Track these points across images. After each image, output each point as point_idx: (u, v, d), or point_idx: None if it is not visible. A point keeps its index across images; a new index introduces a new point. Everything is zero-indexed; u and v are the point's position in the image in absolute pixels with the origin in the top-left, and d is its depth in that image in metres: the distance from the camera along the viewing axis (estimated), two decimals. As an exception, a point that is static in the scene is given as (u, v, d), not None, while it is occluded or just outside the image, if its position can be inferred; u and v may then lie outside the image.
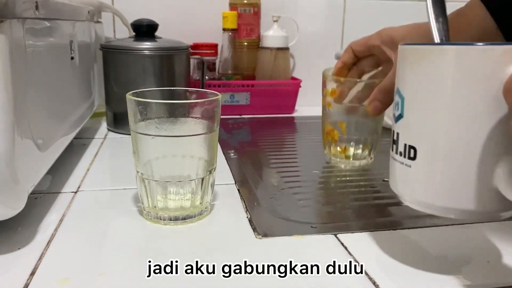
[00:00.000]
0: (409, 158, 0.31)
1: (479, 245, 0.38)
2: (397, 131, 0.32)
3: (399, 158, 0.32)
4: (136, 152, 0.40)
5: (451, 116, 0.28)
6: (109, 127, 0.75)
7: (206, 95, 0.42)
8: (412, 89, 0.31)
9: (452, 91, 0.28)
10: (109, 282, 0.31)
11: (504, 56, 0.26)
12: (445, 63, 0.28)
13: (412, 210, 0.45)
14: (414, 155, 0.30)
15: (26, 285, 0.31)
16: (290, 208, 0.45)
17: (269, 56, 0.91)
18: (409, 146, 0.31)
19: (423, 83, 0.30)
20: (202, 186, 0.41)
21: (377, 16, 1.04)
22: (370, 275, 0.33)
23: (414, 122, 0.30)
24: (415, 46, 0.30)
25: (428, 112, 0.29)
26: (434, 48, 0.29)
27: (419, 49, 0.30)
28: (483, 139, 0.28)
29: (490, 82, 0.27)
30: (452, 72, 0.28)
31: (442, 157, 0.29)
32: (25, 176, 0.35)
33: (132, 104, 0.39)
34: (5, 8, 0.32)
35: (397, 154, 0.32)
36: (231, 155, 0.61)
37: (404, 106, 0.31)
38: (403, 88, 0.31)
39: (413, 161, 0.31)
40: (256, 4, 0.92)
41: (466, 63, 0.28)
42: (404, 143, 0.31)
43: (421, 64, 0.30)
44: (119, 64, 0.71)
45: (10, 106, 0.32)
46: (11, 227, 0.39)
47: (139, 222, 0.41)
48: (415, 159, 0.30)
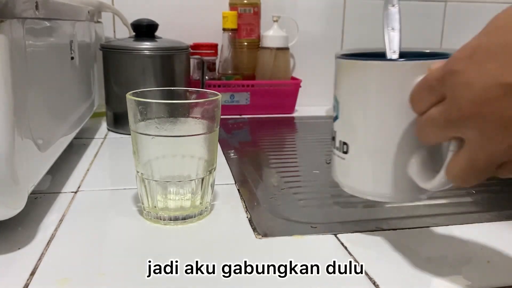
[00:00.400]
0: (343, 152, 0.37)
1: (479, 245, 0.38)
2: (335, 129, 0.38)
3: (337, 152, 0.38)
4: (136, 152, 0.40)
5: (374, 119, 0.35)
6: (109, 127, 0.75)
7: (206, 95, 0.42)
8: (344, 95, 0.37)
9: (375, 98, 0.35)
10: (109, 282, 0.31)
11: (412, 70, 0.32)
12: (368, 75, 0.35)
13: (412, 210, 0.45)
14: (347, 150, 0.37)
15: (26, 285, 0.31)
16: (290, 208, 0.45)
17: (269, 56, 0.91)
18: (343, 142, 0.37)
19: (352, 91, 0.36)
20: (202, 186, 0.41)
21: (377, 16, 1.04)
22: (370, 275, 0.33)
23: (346, 123, 0.37)
24: (346, 60, 0.37)
25: (357, 115, 0.36)
26: (360, 62, 0.35)
27: (348, 63, 0.36)
28: (399, 138, 0.34)
29: (402, 91, 0.32)
30: (374, 82, 0.34)
31: (368, 151, 0.36)
32: (25, 176, 0.35)
33: (132, 104, 0.39)
34: (5, 8, 0.32)
35: (335, 149, 0.38)
36: (231, 155, 0.61)
37: (339, 109, 0.37)
38: (338, 94, 0.38)
39: (347, 155, 0.37)
40: (256, 4, 0.92)
41: (384, 75, 0.34)
42: (340, 140, 0.38)
43: (350, 75, 0.36)
44: (119, 64, 0.71)
45: (10, 106, 0.32)
46: (11, 227, 0.39)
47: (139, 222, 0.41)
48: (348, 153, 0.37)
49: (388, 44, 0.38)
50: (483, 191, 0.50)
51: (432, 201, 0.46)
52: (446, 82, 0.27)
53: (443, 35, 1.09)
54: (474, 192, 0.50)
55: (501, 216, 0.43)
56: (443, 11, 1.07)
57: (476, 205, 0.46)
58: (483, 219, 0.42)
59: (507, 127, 0.24)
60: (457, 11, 1.08)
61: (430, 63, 0.31)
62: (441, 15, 1.08)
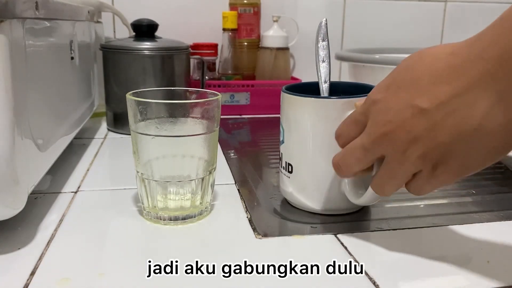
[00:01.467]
0: (289, 171, 0.43)
1: (479, 245, 0.38)
2: (281, 152, 0.44)
3: (283, 171, 0.44)
4: (136, 152, 0.40)
5: (311, 145, 0.41)
6: (109, 127, 0.75)
7: (206, 95, 0.42)
8: (288, 123, 0.42)
9: (312, 128, 0.41)
10: (109, 282, 0.31)
11: (343, 106, 0.39)
12: (306, 109, 0.41)
13: (412, 210, 0.45)
14: (291, 170, 0.43)
15: (26, 285, 0.31)
16: (290, 208, 0.45)
17: (269, 56, 0.91)
18: (288, 163, 0.43)
19: (294, 120, 0.42)
20: (202, 186, 0.41)
21: (377, 16, 1.04)
22: (370, 275, 0.33)
23: (290, 147, 0.43)
24: (286, 94, 0.42)
25: (297, 142, 0.42)
26: (297, 98, 0.41)
27: (288, 97, 0.42)
28: None
29: (335, 123, 0.37)
30: (309, 116, 0.40)
31: (307, 172, 0.42)
32: (25, 176, 0.35)
33: (132, 104, 0.39)
34: (5, 8, 0.32)
35: (282, 168, 0.44)
36: (231, 155, 0.61)
37: (284, 134, 0.43)
38: (283, 122, 0.43)
39: (291, 174, 0.43)
40: (256, 4, 0.92)
41: (319, 110, 0.40)
42: (285, 161, 0.43)
43: (290, 108, 0.42)
44: (119, 64, 0.71)
45: (10, 106, 0.32)
46: (11, 227, 0.39)
47: (139, 222, 0.41)
48: (292, 172, 0.43)
49: (320, 76, 0.44)
50: (483, 191, 0.50)
51: (432, 201, 0.46)
52: (368, 111, 0.33)
53: (443, 35, 1.09)
54: (474, 192, 0.50)
55: (501, 216, 0.43)
56: (443, 11, 1.07)
57: (476, 205, 0.46)
58: (483, 219, 0.42)
59: (415, 141, 0.30)
60: (457, 11, 1.08)
61: (356, 100, 0.38)
62: (441, 15, 1.08)
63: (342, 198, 0.41)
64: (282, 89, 0.43)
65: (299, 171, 0.42)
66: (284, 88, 0.43)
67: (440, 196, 0.48)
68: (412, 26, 1.06)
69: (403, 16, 1.05)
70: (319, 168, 0.41)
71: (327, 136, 0.39)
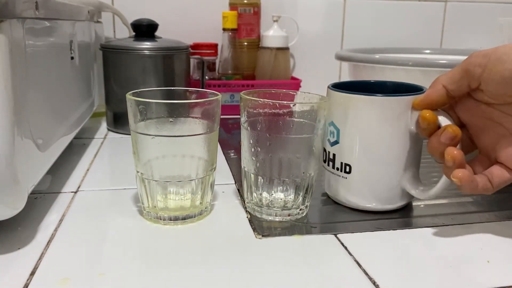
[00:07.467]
0: (345, 172, 0.42)
1: (479, 245, 0.38)
2: (333, 153, 0.43)
3: (337, 172, 0.43)
4: (136, 152, 0.40)
5: (375, 144, 0.41)
6: (109, 127, 0.75)
7: (206, 95, 0.42)
8: (346, 123, 0.42)
9: (376, 127, 0.40)
10: (109, 282, 0.31)
11: (407, 103, 0.40)
12: (371, 107, 0.40)
13: (412, 210, 0.45)
14: (349, 170, 0.42)
15: (26, 285, 0.31)
16: (290, 208, 0.44)
17: (269, 56, 0.91)
18: (345, 164, 0.42)
19: (355, 120, 0.41)
20: (202, 186, 0.41)
21: (377, 16, 1.04)
22: (370, 275, 0.33)
23: (348, 147, 0.42)
24: (347, 94, 0.41)
25: (359, 140, 0.41)
26: (362, 97, 0.40)
27: (351, 97, 0.41)
28: (396, 158, 0.41)
29: (400, 120, 0.40)
30: (375, 114, 0.40)
31: (370, 171, 0.42)
32: (25, 176, 0.35)
33: (132, 104, 0.39)
34: (5, 8, 0.32)
35: (334, 169, 0.44)
36: (231, 155, 0.61)
37: (339, 135, 0.42)
38: (338, 122, 0.42)
39: (349, 174, 0.42)
40: (256, 4, 0.92)
41: (386, 108, 0.40)
42: (341, 161, 0.43)
43: (351, 106, 0.41)
44: (119, 64, 0.71)
45: (10, 106, 0.32)
46: (11, 227, 0.39)
47: (139, 222, 0.41)
48: (350, 173, 0.42)
49: None
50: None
51: (432, 201, 0.46)
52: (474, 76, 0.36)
53: (443, 35, 1.09)
54: (474, 192, 0.50)
55: (501, 216, 0.43)
56: (443, 11, 1.07)
57: (476, 205, 0.46)
58: (483, 219, 0.42)
59: None
60: (457, 11, 1.08)
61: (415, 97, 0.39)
62: (441, 15, 1.08)
63: (401, 194, 0.42)
64: (332, 88, 0.43)
65: (361, 171, 0.42)
66: (332, 87, 0.43)
67: (440, 196, 0.48)
68: (412, 26, 1.06)
69: (403, 16, 1.05)
70: (384, 166, 0.41)
71: (390, 133, 0.40)
